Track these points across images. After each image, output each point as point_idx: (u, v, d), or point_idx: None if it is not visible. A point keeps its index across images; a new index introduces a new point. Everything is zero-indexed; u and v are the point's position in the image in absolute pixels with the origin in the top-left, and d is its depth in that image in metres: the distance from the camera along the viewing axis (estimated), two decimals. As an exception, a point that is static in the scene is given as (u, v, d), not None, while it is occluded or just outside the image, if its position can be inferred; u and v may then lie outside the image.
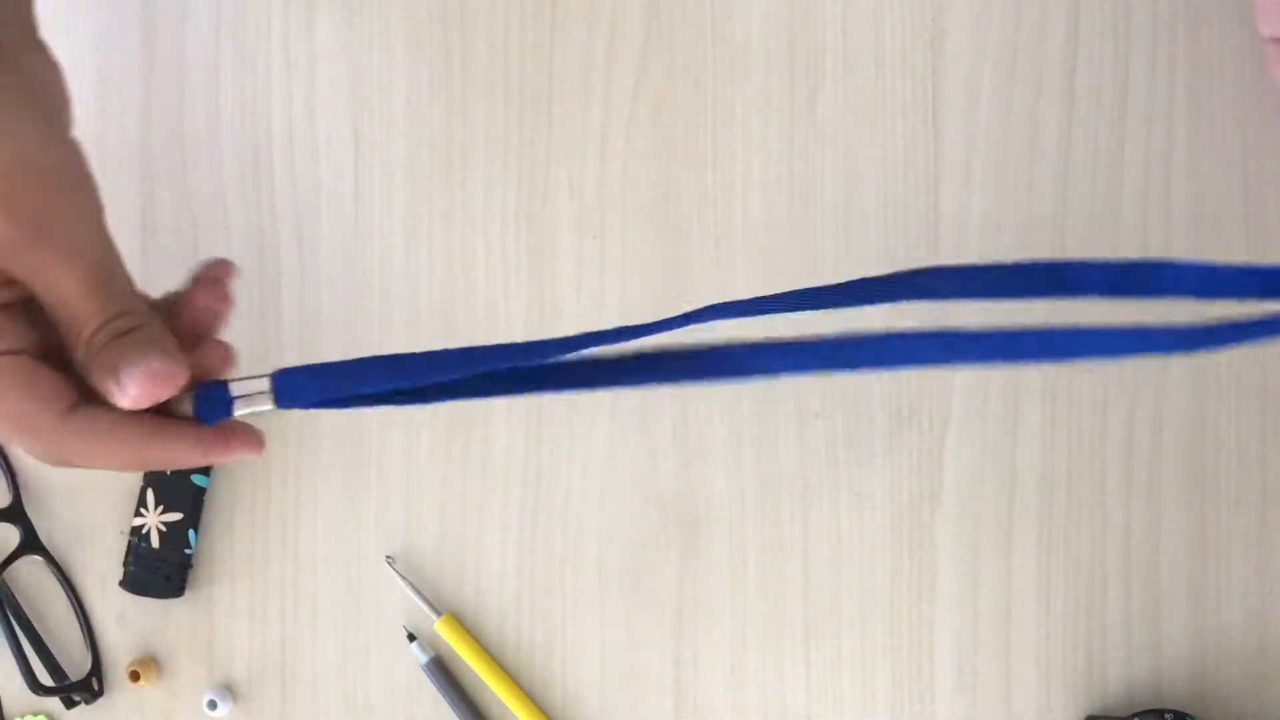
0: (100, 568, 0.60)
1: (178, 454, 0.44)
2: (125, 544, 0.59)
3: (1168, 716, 0.53)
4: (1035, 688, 0.56)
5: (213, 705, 0.59)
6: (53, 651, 0.60)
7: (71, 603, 0.60)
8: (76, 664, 0.60)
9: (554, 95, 0.58)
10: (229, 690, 0.59)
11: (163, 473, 0.58)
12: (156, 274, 0.60)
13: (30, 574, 0.61)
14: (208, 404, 0.45)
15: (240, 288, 0.60)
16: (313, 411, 0.59)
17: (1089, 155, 0.55)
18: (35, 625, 0.60)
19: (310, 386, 0.45)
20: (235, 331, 0.59)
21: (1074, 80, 0.55)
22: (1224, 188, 0.55)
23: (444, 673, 0.58)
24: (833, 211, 0.56)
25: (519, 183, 0.58)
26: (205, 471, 0.59)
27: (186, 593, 0.60)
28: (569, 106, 0.58)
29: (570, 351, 0.44)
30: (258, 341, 0.59)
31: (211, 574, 0.60)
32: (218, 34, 0.59)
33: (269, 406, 0.45)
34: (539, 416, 0.58)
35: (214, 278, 0.47)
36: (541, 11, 0.58)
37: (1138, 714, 0.54)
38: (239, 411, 0.45)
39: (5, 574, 0.59)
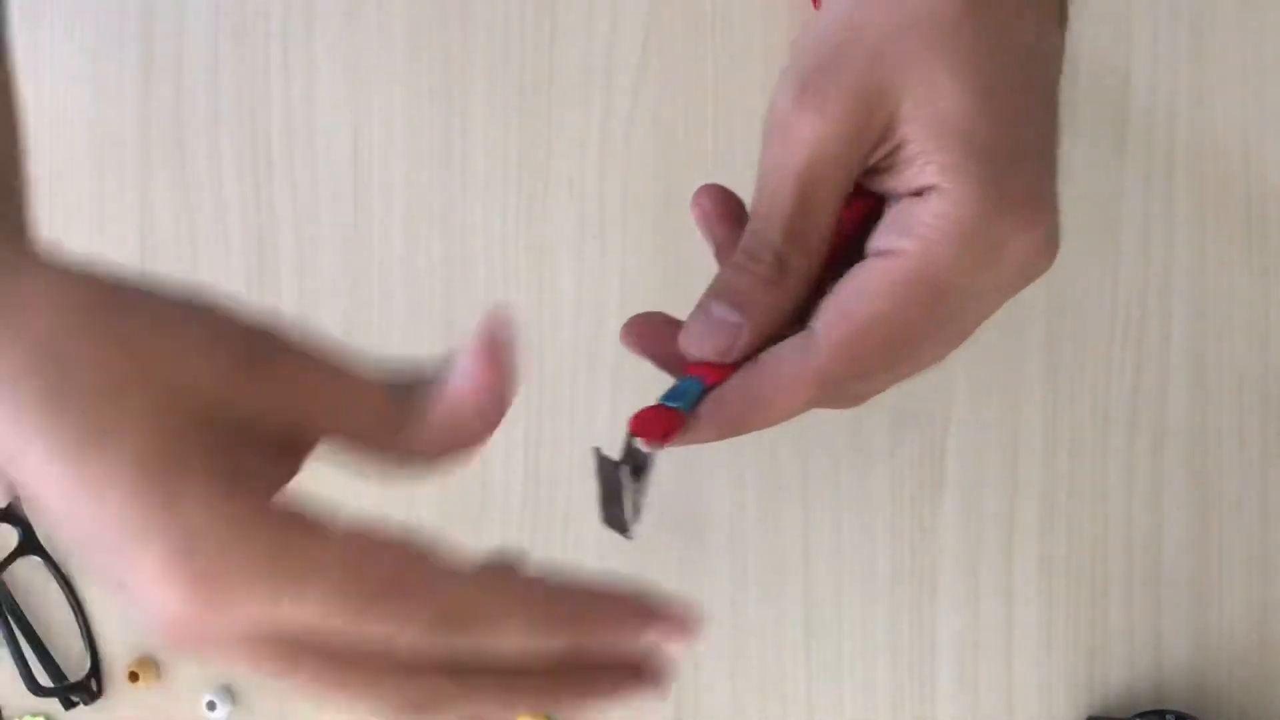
0: (99, 568, 0.60)
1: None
2: (124, 544, 0.59)
3: (1169, 717, 0.53)
4: (1036, 688, 0.56)
5: (212, 706, 0.59)
6: (51, 652, 0.60)
7: (70, 603, 0.60)
8: (75, 664, 0.60)
9: (554, 95, 0.58)
10: (228, 691, 0.59)
11: (162, 473, 0.58)
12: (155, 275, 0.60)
13: (29, 574, 0.61)
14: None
15: (239, 288, 0.60)
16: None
17: (1090, 149, 0.55)
18: (34, 626, 0.60)
19: None
20: (235, 331, 0.59)
21: (1077, 80, 0.55)
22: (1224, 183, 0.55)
23: (443, 673, 0.58)
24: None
25: (519, 183, 0.58)
26: (204, 472, 0.59)
27: (186, 593, 0.59)
28: (569, 106, 0.58)
29: None
30: (257, 341, 0.59)
31: (211, 574, 0.60)
32: (218, 34, 0.59)
33: None
34: (539, 416, 0.58)
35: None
36: (541, 11, 0.58)
37: (1139, 715, 0.54)
38: None
39: (4, 574, 0.59)
